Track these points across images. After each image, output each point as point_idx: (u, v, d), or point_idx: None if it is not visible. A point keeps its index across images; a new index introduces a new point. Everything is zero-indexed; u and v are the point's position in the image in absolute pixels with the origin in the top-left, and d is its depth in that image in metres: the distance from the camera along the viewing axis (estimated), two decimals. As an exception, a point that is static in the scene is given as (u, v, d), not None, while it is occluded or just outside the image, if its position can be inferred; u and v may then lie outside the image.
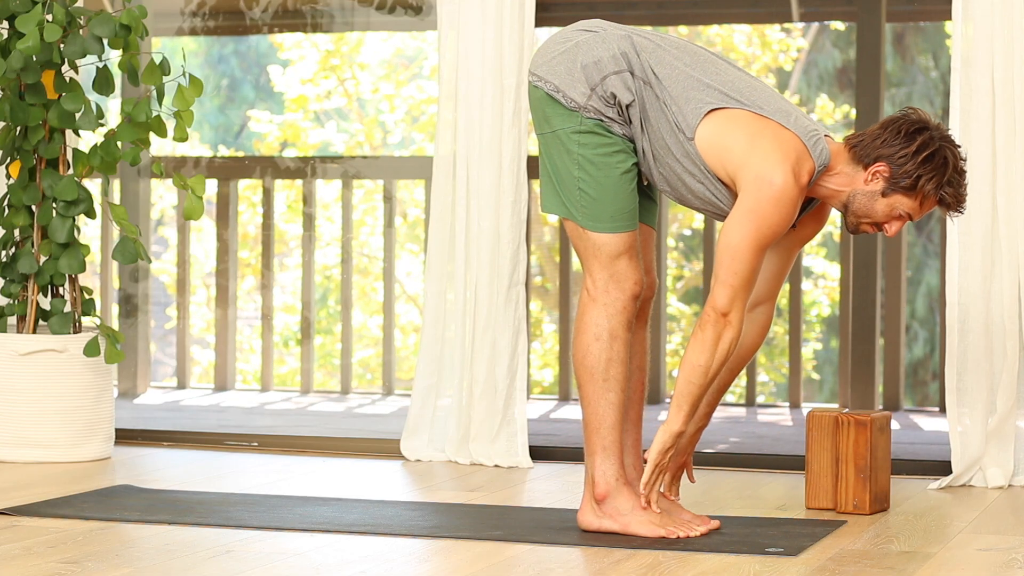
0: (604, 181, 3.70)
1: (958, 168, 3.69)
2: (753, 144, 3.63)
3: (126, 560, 3.39)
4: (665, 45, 3.74)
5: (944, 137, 3.70)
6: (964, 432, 4.59)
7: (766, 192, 3.60)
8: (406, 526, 3.83)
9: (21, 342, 4.86)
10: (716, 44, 11.66)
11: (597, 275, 3.72)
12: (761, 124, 3.66)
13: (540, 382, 10.50)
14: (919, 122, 3.70)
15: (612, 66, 3.69)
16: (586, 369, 3.71)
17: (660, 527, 3.68)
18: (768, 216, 3.60)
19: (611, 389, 3.71)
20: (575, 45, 3.73)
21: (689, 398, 3.63)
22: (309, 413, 6.33)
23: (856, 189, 3.71)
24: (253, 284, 10.87)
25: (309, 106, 11.70)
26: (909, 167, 3.66)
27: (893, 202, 3.70)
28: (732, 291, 3.60)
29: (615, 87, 3.68)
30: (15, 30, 4.86)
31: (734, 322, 3.60)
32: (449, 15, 4.98)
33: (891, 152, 3.68)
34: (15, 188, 4.93)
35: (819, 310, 11.21)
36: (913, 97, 12.74)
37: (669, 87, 3.69)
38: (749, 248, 3.60)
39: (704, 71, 3.71)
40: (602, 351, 3.70)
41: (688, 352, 3.62)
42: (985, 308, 4.59)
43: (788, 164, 3.61)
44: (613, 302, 3.70)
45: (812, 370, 11.45)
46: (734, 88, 3.70)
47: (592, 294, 3.72)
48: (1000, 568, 3.41)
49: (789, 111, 3.71)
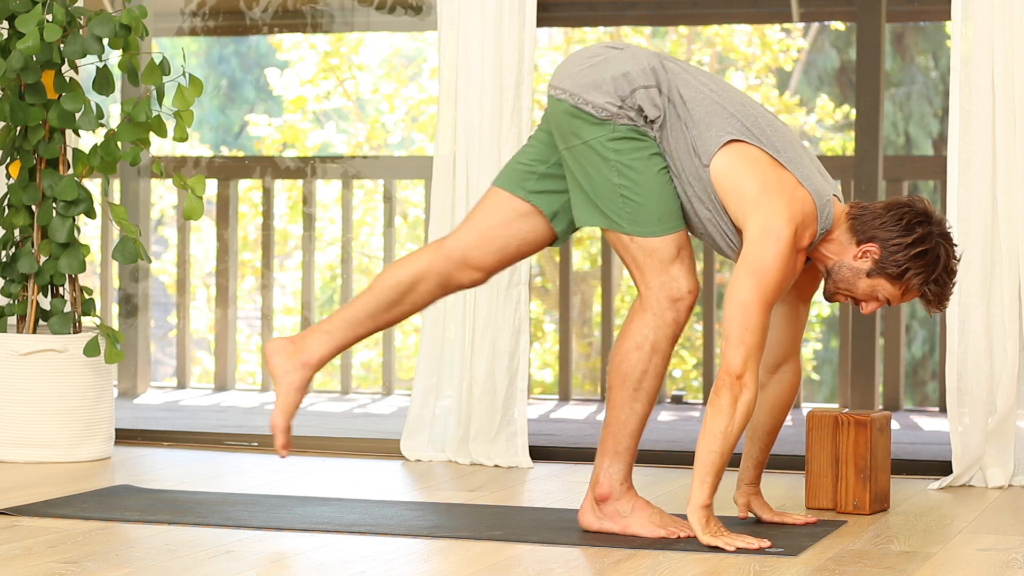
0: (646, 183, 3.66)
1: (949, 268, 3.67)
2: (764, 194, 3.61)
3: (126, 560, 3.39)
4: (692, 71, 3.73)
5: (943, 235, 3.68)
6: (964, 432, 4.59)
7: (769, 245, 3.58)
8: (406, 526, 3.83)
9: (21, 342, 4.86)
10: (716, 44, 11.66)
11: (651, 282, 3.67)
12: (776, 174, 3.64)
13: (540, 382, 10.49)
14: (923, 214, 3.67)
15: (641, 80, 3.67)
16: (620, 375, 3.69)
17: (660, 527, 3.68)
18: (773, 272, 3.58)
19: (639, 400, 3.69)
20: (604, 59, 3.71)
21: (712, 468, 3.57)
22: (309, 413, 6.33)
23: (843, 261, 3.70)
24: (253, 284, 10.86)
25: (308, 107, 11.69)
26: (899, 256, 3.65)
27: (876, 284, 3.68)
28: (746, 350, 3.56)
29: (643, 101, 3.66)
30: (15, 30, 4.86)
31: (749, 384, 3.56)
32: (449, 15, 4.97)
33: (887, 236, 3.66)
34: (15, 188, 4.93)
35: (819, 310, 11.20)
36: (913, 97, 12.74)
37: (692, 109, 3.67)
38: (757, 304, 3.57)
39: (730, 100, 3.69)
40: (640, 361, 3.67)
41: (706, 420, 3.58)
42: (985, 308, 4.59)
43: (794, 224, 3.60)
44: (663, 313, 3.66)
45: (812, 370, 11.45)
46: (756, 124, 3.68)
47: (645, 302, 3.67)
48: (1000, 568, 3.41)
49: (805, 163, 3.69)
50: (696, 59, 11.66)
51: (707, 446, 3.57)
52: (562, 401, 6.80)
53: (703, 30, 11.62)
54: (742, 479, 3.95)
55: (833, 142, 11.97)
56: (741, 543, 3.55)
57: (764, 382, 3.89)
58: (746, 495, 3.93)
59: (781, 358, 3.89)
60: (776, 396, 3.90)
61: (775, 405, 3.90)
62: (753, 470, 3.93)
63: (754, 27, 11.46)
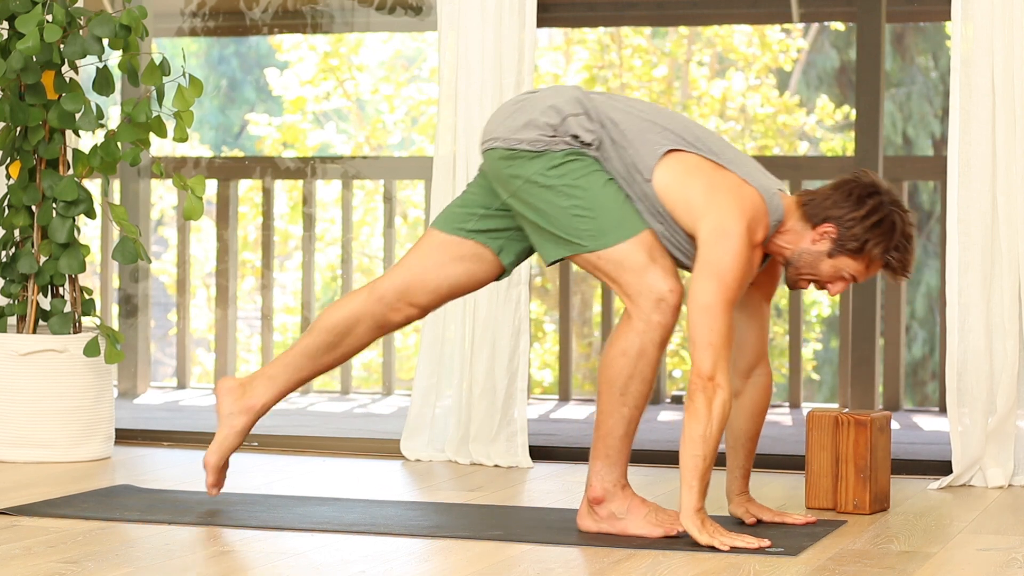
0: (595, 195, 3.66)
1: (906, 233, 3.70)
2: (712, 196, 3.63)
3: (126, 560, 3.39)
4: (617, 98, 3.78)
5: (894, 202, 3.71)
6: (964, 432, 4.59)
7: (724, 244, 3.58)
8: (406, 526, 3.83)
9: (21, 342, 4.86)
10: (716, 44, 11.66)
11: (631, 292, 3.65)
12: (720, 175, 3.66)
13: (540, 382, 10.50)
14: (871, 186, 3.71)
15: (570, 108, 3.70)
16: (607, 380, 3.68)
17: (658, 526, 3.68)
18: (732, 270, 3.58)
19: (626, 404, 3.68)
20: (527, 100, 3.75)
21: (697, 472, 3.57)
22: (309, 413, 6.33)
23: (803, 248, 3.71)
24: (253, 284, 10.86)
25: (308, 107, 11.70)
26: (857, 230, 3.67)
27: (839, 263, 3.70)
28: (714, 352, 3.56)
29: (575, 128, 3.69)
30: (15, 30, 4.86)
31: (722, 384, 3.56)
32: (449, 15, 4.98)
33: (840, 214, 3.68)
34: (15, 188, 4.93)
35: (819, 310, 11.21)
36: (913, 97, 12.74)
37: (625, 130, 3.69)
38: (719, 305, 3.57)
39: (660, 116, 3.73)
40: (625, 366, 3.66)
41: (684, 426, 3.58)
42: (985, 308, 4.59)
43: (745, 219, 3.61)
44: (647, 318, 3.64)
45: (812, 370, 11.45)
46: (690, 133, 3.71)
47: (630, 311, 3.66)
48: (1000, 568, 3.42)
49: (745, 162, 3.72)
50: (696, 59, 11.67)
51: (690, 451, 3.57)
52: (562, 401, 6.80)
53: (703, 30, 11.62)
54: (732, 490, 3.93)
55: (833, 142, 11.98)
56: (741, 543, 3.55)
57: (739, 388, 3.89)
58: (741, 504, 3.92)
59: (753, 362, 3.89)
60: (753, 400, 3.90)
61: (753, 410, 3.91)
62: (741, 479, 3.93)
63: (754, 27, 11.46)
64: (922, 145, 12.80)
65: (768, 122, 11.50)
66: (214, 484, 4.01)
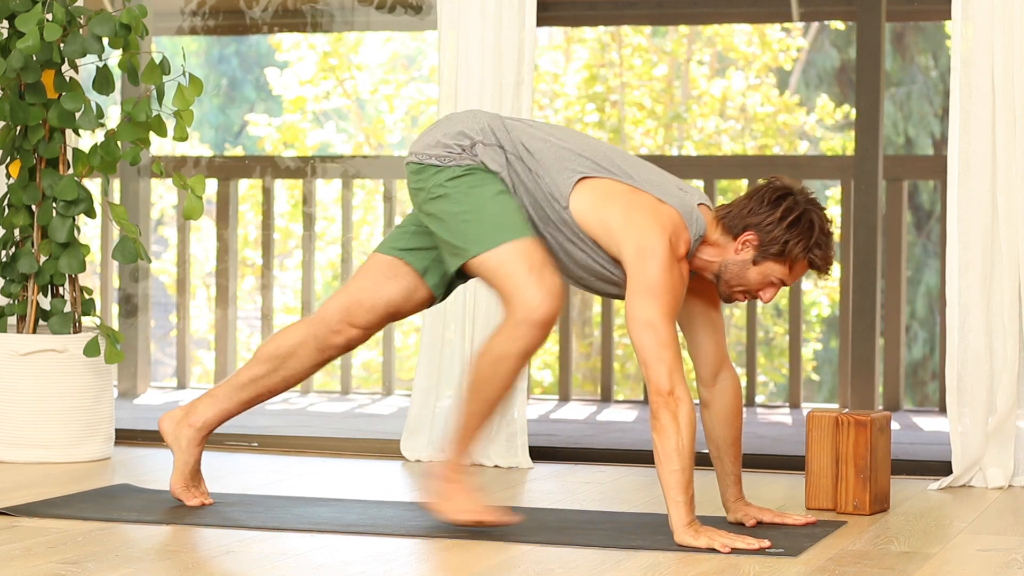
0: (481, 201, 3.72)
1: (824, 230, 3.73)
2: (630, 218, 3.68)
3: (126, 560, 3.39)
4: (536, 125, 3.83)
5: (809, 200, 3.74)
6: (964, 432, 4.59)
7: (651, 262, 3.63)
8: (406, 526, 3.83)
9: (21, 342, 4.86)
10: (716, 44, 11.66)
11: (506, 299, 3.67)
12: (636, 197, 3.71)
13: (540, 382, 10.50)
14: (782, 188, 3.74)
15: (480, 137, 3.76)
16: (469, 377, 3.74)
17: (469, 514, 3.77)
18: (663, 284, 3.62)
19: (476, 401, 3.74)
20: (446, 118, 3.83)
21: (679, 487, 3.58)
22: (309, 413, 6.33)
23: (727, 259, 3.75)
24: (253, 284, 10.86)
25: (307, 107, 11.69)
26: (776, 233, 3.70)
27: (765, 269, 3.73)
28: (667, 366, 3.58)
29: (485, 156, 3.75)
30: (15, 29, 4.86)
31: (682, 395, 3.58)
32: (449, 14, 4.98)
33: (758, 220, 3.72)
34: (15, 188, 4.93)
35: (819, 310, 11.20)
36: (913, 97, 12.74)
37: (540, 159, 3.74)
38: (661, 319, 3.60)
39: (576, 143, 3.78)
40: (484, 367, 3.71)
41: (655, 445, 3.59)
42: (985, 308, 4.59)
43: (666, 235, 3.65)
44: (514, 329, 3.66)
45: (812, 370, 11.45)
46: (605, 158, 3.77)
47: (505, 315, 3.70)
48: (1000, 568, 3.41)
49: (663, 182, 3.77)
50: (696, 58, 11.66)
51: (667, 468, 3.58)
52: (562, 401, 6.80)
53: (703, 30, 11.62)
54: (727, 498, 3.93)
55: (833, 142, 11.97)
56: (741, 544, 3.55)
57: (708, 398, 3.90)
58: (740, 509, 3.91)
59: (715, 369, 3.89)
60: (724, 407, 3.90)
61: (727, 416, 3.90)
62: (734, 486, 3.92)
63: (754, 26, 11.46)
64: (922, 145, 12.79)
65: (768, 121, 11.49)
66: (194, 498, 4.05)
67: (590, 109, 11.32)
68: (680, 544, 3.57)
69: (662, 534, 3.68)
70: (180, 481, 4.07)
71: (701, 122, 11.44)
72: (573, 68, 11.47)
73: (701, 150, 11.28)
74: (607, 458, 5.05)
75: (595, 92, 11.35)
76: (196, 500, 4.06)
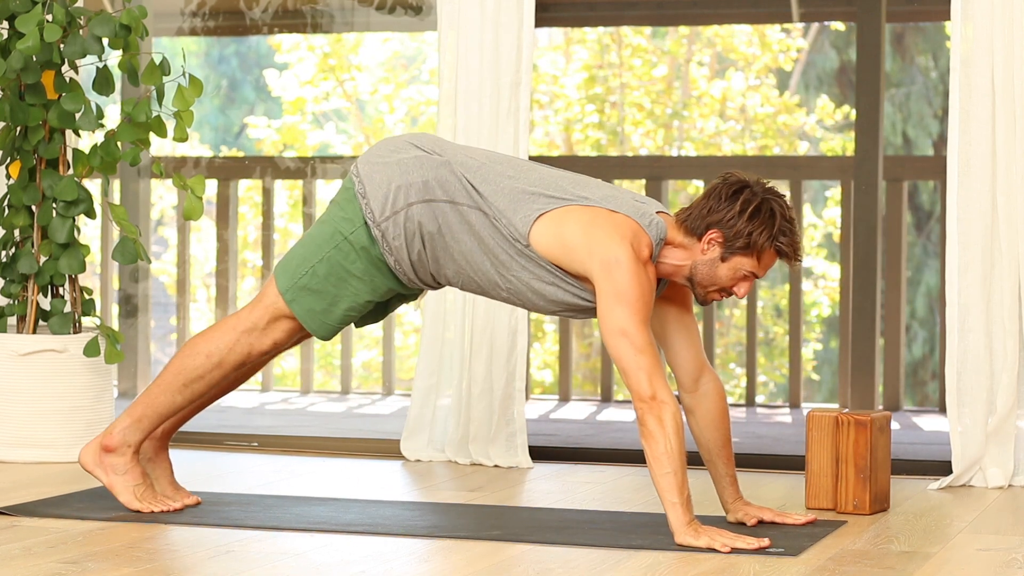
0: (335, 283, 3.85)
1: (787, 217, 3.74)
2: (589, 235, 3.70)
3: (126, 560, 3.39)
4: (490, 163, 3.84)
5: (767, 190, 3.76)
6: (964, 432, 4.59)
7: (617, 272, 3.65)
8: (406, 526, 3.83)
9: (21, 342, 4.86)
10: (716, 44, 11.66)
11: (255, 315, 3.89)
12: (591, 214, 3.74)
13: (540, 382, 10.50)
14: (737, 182, 3.76)
15: (420, 195, 3.80)
16: (180, 368, 3.92)
17: (138, 500, 3.91)
18: (632, 290, 3.64)
19: (183, 395, 3.93)
20: (397, 163, 3.84)
21: (673, 489, 3.59)
22: (309, 413, 6.33)
23: (696, 260, 3.76)
24: (253, 284, 10.86)
25: (307, 108, 11.69)
26: (739, 227, 3.72)
27: (734, 264, 3.74)
28: (646, 372, 3.59)
29: (422, 216, 3.79)
30: (15, 30, 4.86)
31: (665, 399, 3.59)
32: (449, 15, 4.98)
33: (719, 217, 3.73)
34: (15, 188, 4.93)
35: (819, 310, 11.21)
36: (912, 97, 12.74)
37: (494, 202, 3.78)
38: (634, 325, 3.62)
39: (528, 180, 3.80)
40: (202, 367, 3.90)
41: (646, 452, 3.60)
42: (985, 308, 4.59)
43: (627, 242, 3.68)
44: (237, 341, 3.89)
45: (812, 370, 11.45)
46: (558, 187, 3.79)
47: (240, 317, 3.89)
48: (1000, 568, 3.42)
49: (617, 196, 3.79)
50: (696, 59, 11.67)
51: (659, 472, 3.59)
52: (562, 401, 6.80)
53: (703, 30, 11.62)
54: (726, 500, 3.93)
55: (833, 142, 11.97)
56: (741, 543, 3.55)
57: (692, 404, 3.90)
58: (739, 509, 3.91)
59: (695, 373, 3.90)
60: (709, 410, 3.90)
61: (713, 419, 3.90)
62: (731, 487, 3.92)
63: (754, 27, 11.46)
64: (922, 145, 12.80)
65: (768, 122, 11.49)
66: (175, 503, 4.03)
67: (590, 110, 11.33)
68: (681, 544, 3.57)
69: (662, 534, 3.68)
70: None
71: (701, 123, 11.44)
72: (573, 69, 11.48)
73: (701, 151, 11.28)
74: (607, 458, 5.05)
75: (595, 93, 11.36)
76: (179, 498, 4.06)
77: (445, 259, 3.82)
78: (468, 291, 3.89)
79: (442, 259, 3.82)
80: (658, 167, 7.14)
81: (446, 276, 3.86)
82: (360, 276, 3.85)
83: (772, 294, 11.09)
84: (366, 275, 3.85)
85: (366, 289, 3.86)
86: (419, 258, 3.82)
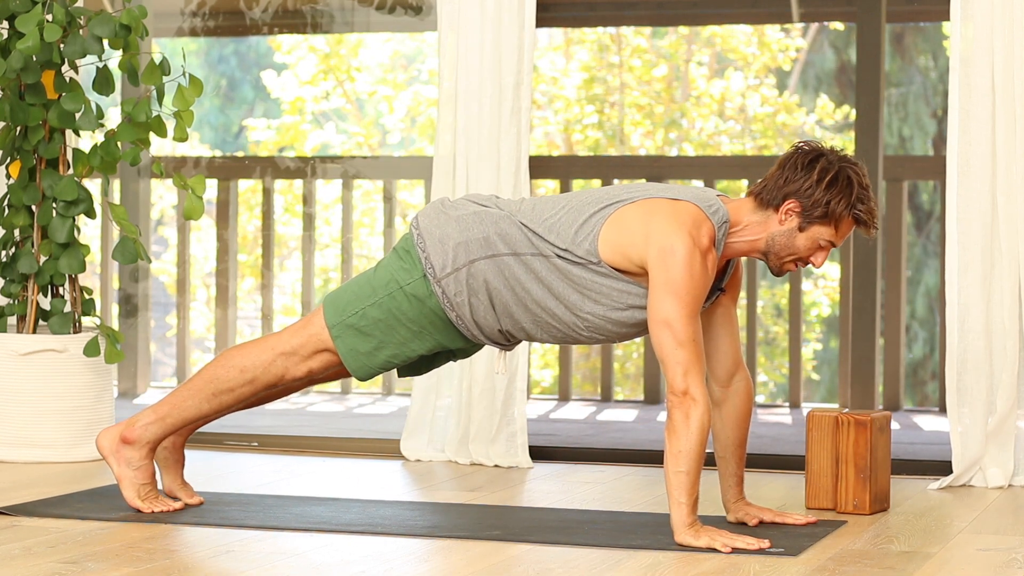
0: (384, 329, 3.84)
1: (863, 184, 3.73)
2: (648, 225, 3.67)
3: (126, 560, 3.39)
4: (542, 203, 3.81)
5: (842, 158, 3.74)
6: (964, 432, 4.59)
7: (672, 261, 3.62)
8: (406, 526, 3.83)
9: (21, 342, 4.86)
10: (716, 44, 11.66)
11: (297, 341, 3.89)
12: (650, 204, 3.72)
13: (540, 382, 10.50)
14: (813, 151, 3.74)
15: (482, 251, 3.77)
16: (213, 376, 3.91)
17: (141, 500, 3.91)
18: (684, 282, 3.61)
19: (211, 404, 3.92)
20: (456, 219, 3.81)
21: (683, 488, 3.58)
22: (309, 413, 6.33)
23: (772, 232, 3.74)
24: (253, 284, 10.86)
25: (307, 108, 11.69)
26: (818, 196, 3.70)
27: (813, 234, 3.73)
28: (683, 367, 3.57)
29: (487, 272, 3.76)
30: (15, 30, 4.86)
31: (697, 396, 3.57)
32: (449, 15, 4.98)
33: (796, 187, 3.71)
34: (15, 188, 4.93)
35: (819, 310, 11.20)
36: (912, 97, 12.74)
37: (557, 240, 3.73)
38: (681, 317, 3.59)
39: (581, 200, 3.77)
40: (234, 379, 3.89)
41: (666, 444, 3.59)
42: (985, 308, 4.59)
43: (685, 229, 3.64)
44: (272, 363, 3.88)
45: (812, 370, 11.45)
46: (610, 196, 3.76)
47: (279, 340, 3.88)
48: (1000, 568, 3.42)
49: (675, 188, 3.77)
50: (696, 59, 11.67)
51: (672, 468, 3.58)
52: (562, 401, 6.80)
53: (703, 30, 11.62)
54: (728, 499, 3.93)
55: (833, 142, 11.97)
56: (741, 544, 3.55)
57: (721, 398, 3.89)
58: (741, 509, 3.91)
59: (731, 368, 3.88)
60: (736, 408, 3.90)
61: (737, 417, 3.90)
62: (736, 487, 3.92)
63: (753, 27, 11.46)
64: (921, 145, 12.80)
65: (767, 122, 11.49)
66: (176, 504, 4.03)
67: (589, 111, 11.32)
68: (680, 544, 3.57)
69: (662, 533, 3.68)
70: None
71: (700, 123, 11.44)
72: (573, 69, 11.47)
73: (700, 151, 11.28)
74: (607, 458, 5.05)
75: (594, 93, 11.35)
76: (183, 497, 4.07)
77: (519, 312, 3.78)
78: (553, 342, 3.85)
79: (516, 312, 3.78)
80: (658, 167, 7.14)
81: (524, 329, 3.81)
82: (409, 326, 3.82)
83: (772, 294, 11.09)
84: (416, 326, 3.82)
85: (414, 339, 3.84)
86: (484, 314, 3.79)
